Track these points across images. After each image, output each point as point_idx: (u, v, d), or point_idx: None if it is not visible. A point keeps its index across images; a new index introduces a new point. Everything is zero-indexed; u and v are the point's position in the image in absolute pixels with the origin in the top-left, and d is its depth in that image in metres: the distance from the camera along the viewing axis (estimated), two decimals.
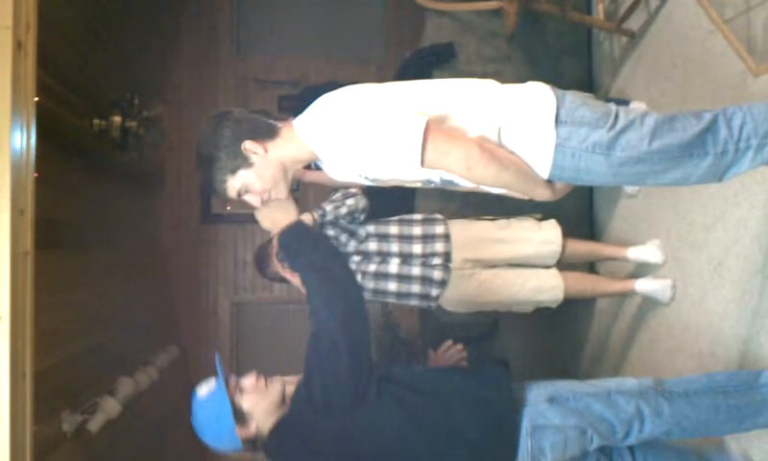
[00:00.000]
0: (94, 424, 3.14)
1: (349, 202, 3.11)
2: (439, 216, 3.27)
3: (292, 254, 2.06)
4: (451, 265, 3.16)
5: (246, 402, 2.09)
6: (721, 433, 2.17)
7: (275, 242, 3.10)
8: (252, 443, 2.12)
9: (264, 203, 2.00)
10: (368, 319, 2.06)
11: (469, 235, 3.27)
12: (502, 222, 3.36)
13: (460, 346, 2.53)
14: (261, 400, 2.10)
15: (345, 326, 1.95)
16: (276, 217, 2.04)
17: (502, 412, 2.03)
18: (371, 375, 2.00)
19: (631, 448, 2.19)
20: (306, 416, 2.05)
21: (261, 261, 3.23)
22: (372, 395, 1.98)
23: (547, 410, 2.03)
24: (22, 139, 2.08)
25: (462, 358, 2.52)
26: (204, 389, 2.13)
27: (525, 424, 2.00)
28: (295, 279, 3.06)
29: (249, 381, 2.13)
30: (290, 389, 2.14)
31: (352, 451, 2.01)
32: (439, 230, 3.20)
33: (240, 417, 2.07)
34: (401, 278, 3.12)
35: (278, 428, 2.08)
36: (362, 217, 3.15)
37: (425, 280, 3.13)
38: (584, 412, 2.04)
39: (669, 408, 2.05)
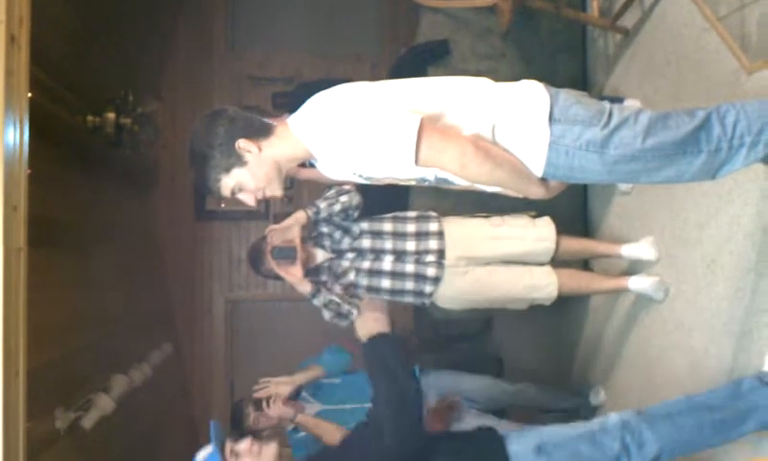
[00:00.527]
0: (88, 422, 3.13)
1: (343, 199, 3.11)
2: (433, 213, 3.27)
3: (373, 361, 2.13)
4: (445, 262, 3.16)
5: None
6: (711, 446, 2.18)
7: (269, 239, 3.10)
8: None
9: (258, 202, 2.00)
10: (420, 433, 2.11)
11: (463, 233, 3.27)
12: (496, 219, 3.36)
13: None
14: None
15: (397, 426, 2.01)
16: (371, 326, 2.14)
17: None
18: None
19: None
20: None
21: (255, 258, 3.23)
22: None
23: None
24: (15, 135, 2.07)
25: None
26: (201, 455, 2.18)
27: None
28: (289, 277, 3.06)
29: (243, 446, 2.17)
30: (286, 452, 2.19)
31: None
32: (432, 227, 3.20)
33: None
34: (395, 275, 3.13)
35: None
36: (356, 214, 3.15)
37: (419, 277, 3.13)
38: (572, 457, 2.09)
39: (653, 435, 2.09)
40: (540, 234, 3.33)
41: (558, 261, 3.39)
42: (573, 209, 4.14)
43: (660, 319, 3.22)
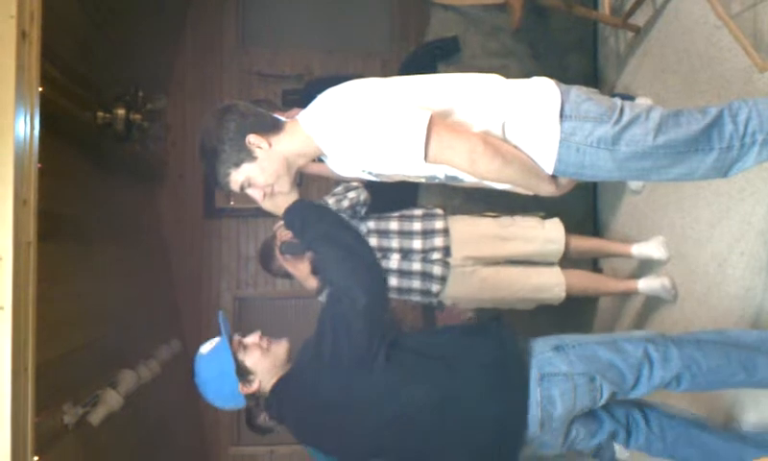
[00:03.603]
0: (96, 417, 3.14)
1: (351, 195, 3.11)
2: (439, 211, 3.26)
3: (299, 231, 2.05)
4: (450, 260, 3.15)
5: (249, 360, 2.11)
6: (733, 384, 2.11)
7: (277, 235, 3.10)
8: (255, 400, 2.12)
9: (266, 197, 2.00)
10: (385, 280, 2.05)
11: (472, 232, 3.25)
12: (505, 219, 3.35)
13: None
14: (264, 358, 2.11)
15: (364, 287, 1.93)
16: (278, 199, 2.03)
17: (509, 363, 2.02)
18: (382, 338, 1.99)
19: (645, 417, 2.18)
20: (311, 372, 2.05)
21: (266, 256, 3.23)
22: (381, 360, 1.97)
23: (554, 358, 2.02)
24: (26, 128, 2.07)
25: (468, 317, 2.53)
26: (208, 346, 2.14)
27: (533, 373, 1.99)
28: (297, 272, 3.06)
29: (252, 339, 2.15)
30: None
31: (355, 413, 2.01)
32: (438, 224, 3.19)
33: (243, 373, 2.09)
34: (402, 273, 3.12)
35: (281, 384, 2.09)
36: (363, 210, 3.14)
37: (426, 276, 3.13)
38: (591, 359, 2.02)
39: (678, 352, 2.03)
40: (548, 236, 3.31)
41: (567, 261, 3.38)
42: (583, 208, 4.12)
43: (670, 319, 3.20)
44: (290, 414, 2.10)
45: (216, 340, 2.15)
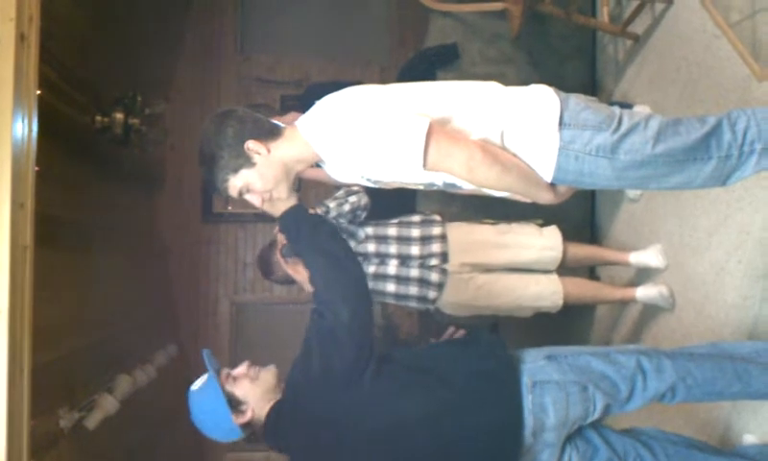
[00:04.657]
0: (91, 422, 3.13)
1: (352, 199, 3.11)
2: (437, 217, 3.26)
3: (293, 237, 2.05)
4: (448, 267, 3.15)
5: (239, 390, 2.11)
6: (729, 395, 2.09)
7: (278, 239, 3.09)
8: (251, 430, 2.13)
9: (265, 202, 2.00)
10: (369, 296, 2.05)
11: (469, 239, 3.25)
12: (503, 227, 3.35)
13: (463, 331, 2.52)
14: (254, 387, 2.12)
15: (347, 301, 1.93)
16: (277, 203, 2.03)
17: (500, 371, 2.01)
18: (371, 352, 1.98)
19: (651, 449, 2.16)
20: (302, 394, 2.04)
21: (265, 266, 3.22)
22: (371, 374, 1.96)
23: (546, 366, 2.01)
24: (23, 132, 2.07)
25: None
26: (198, 383, 2.16)
27: (525, 381, 1.97)
28: (298, 276, 3.05)
29: (240, 370, 2.16)
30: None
31: (349, 430, 1.99)
32: (436, 231, 3.19)
33: (235, 404, 2.09)
34: (399, 279, 3.12)
35: (274, 411, 2.08)
36: (363, 215, 3.14)
37: (423, 282, 3.12)
38: (584, 369, 2.01)
39: (672, 363, 2.02)
40: (546, 243, 3.32)
41: (565, 268, 3.38)
42: (581, 216, 4.13)
43: (668, 327, 3.20)
44: (288, 442, 2.10)
45: (204, 377, 2.16)
